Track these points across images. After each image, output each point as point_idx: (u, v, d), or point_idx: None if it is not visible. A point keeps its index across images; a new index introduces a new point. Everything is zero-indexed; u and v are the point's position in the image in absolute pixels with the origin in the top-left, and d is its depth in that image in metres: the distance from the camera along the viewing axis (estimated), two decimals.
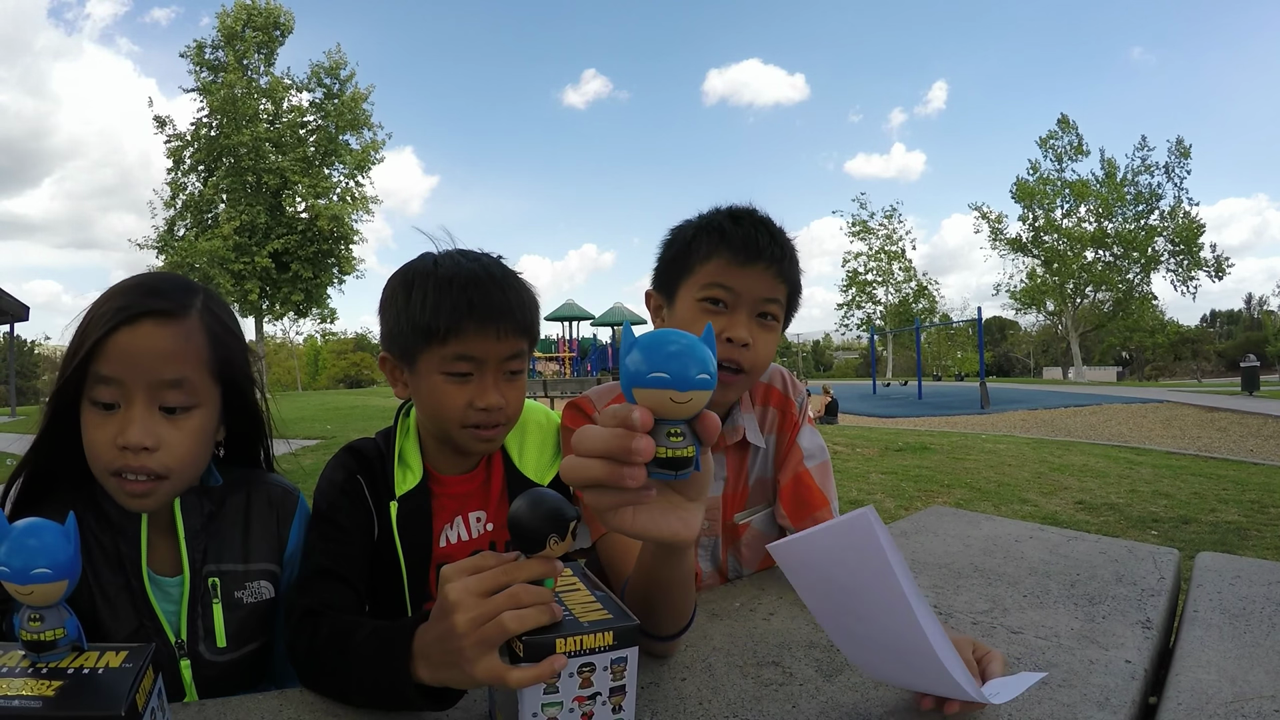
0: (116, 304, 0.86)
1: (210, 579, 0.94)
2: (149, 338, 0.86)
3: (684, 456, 0.54)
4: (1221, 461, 7.92)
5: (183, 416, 0.88)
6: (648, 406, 0.53)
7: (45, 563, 0.57)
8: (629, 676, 0.65)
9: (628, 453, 0.54)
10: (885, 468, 7.24)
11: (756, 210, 1.16)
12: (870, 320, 44.98)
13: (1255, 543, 4.49)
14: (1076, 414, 15.08)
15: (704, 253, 1.10)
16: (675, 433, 0.54)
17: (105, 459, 0.85)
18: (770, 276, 1.09)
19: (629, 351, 0.53)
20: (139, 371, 0.85)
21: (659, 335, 0.53)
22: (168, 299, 0.89)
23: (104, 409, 0.85)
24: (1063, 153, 37.85)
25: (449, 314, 0.97)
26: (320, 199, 25.62)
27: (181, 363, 0.87)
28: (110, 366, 0.84)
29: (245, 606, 0.96)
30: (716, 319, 1.08)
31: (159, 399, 0.86)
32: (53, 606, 0.60)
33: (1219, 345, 67.25)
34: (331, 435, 9.88)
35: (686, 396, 0.52)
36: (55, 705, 0.54)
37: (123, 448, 0.84)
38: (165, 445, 0.86)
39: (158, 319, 0.87)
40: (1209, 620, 1.02)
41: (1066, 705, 0.79)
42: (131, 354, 0.85)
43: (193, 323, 0.90)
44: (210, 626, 0.93)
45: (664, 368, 0.52)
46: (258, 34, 25.34)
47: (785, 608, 1.08)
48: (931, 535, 1.44)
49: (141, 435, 0.84)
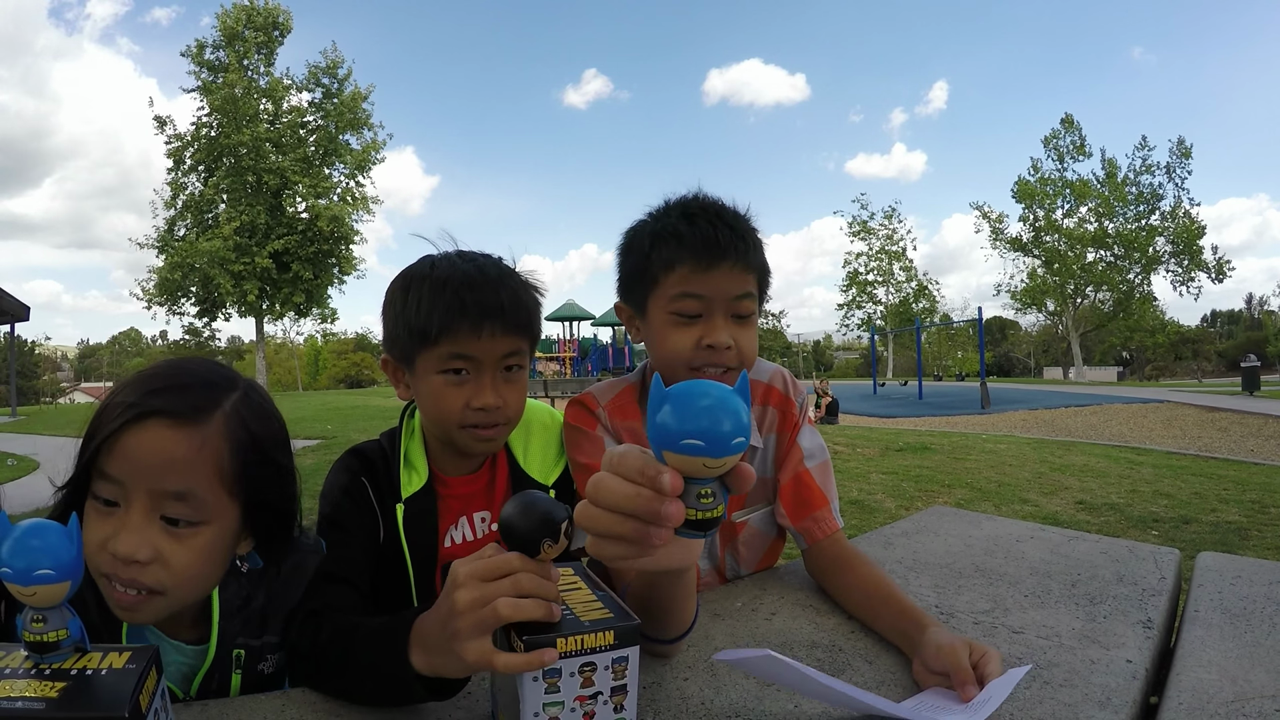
0: (130, 397, 0.78)
1: (236, 651, 0.89)
2: (154, 441, 0.77)
3: (714, 518, 0.52)
4: (1222, 461, 7.91)
5: (188, 531, 0.79)
6: (679, 469, 0.50)
7: (49, 564, 0.57)
8: (630, 676, 0.65)
9: (657, 517, 0.51)
10: (886, 468, 7.23)
11: (709, 200, 1.12)
12: (870, 320, 44.98)
13: (1256, 543, 4.48)
14: (1077, 414, 15.07)
15: (664, 261, 1.07)
16: (706, 494, 0.51)
17: (95, 561, 0.76)
18: (738, 272, 1.07)
19: (659, 407, 0.49)
20: (139, 477, 0.77)
21: (692, 390, 0.49)
22: (185, 397, 0.80)
23: (105, 505, 0.78)
24: (1065, 152, 37.85)
25: (442, 315, 0.98)
26: (320, 199, 25.61)
27: (188, 474, 0.78)
28: (114, 465, 0.77)
29: (264, 676, 0.92)
30: (691, 329, 1.07)
31: (160, 508, 0.77)
32: (56, 608, 0.60)
33: (1219, 345, 67.19)
34: (332, 435, 9.88)
35: (720, 463, 0.49)
36: (58, 706, 0.54)
37: (113, 556, 0.76)
38: (163, 559, 0.77)
39: (169, 421, 0.78)
40: (1210, 620, 1.02)
41: (1068, 705, 0.79)
42: (133, 457, 0.77)
43: (212, 428, 0.80)
44: (225, 693, 0.89)
45: (698, 432, 0.48)
46: (258, 34, 25.33)
47: (787, 608, 1.08)
48: (933, 535, 1.44)
49: (133, 547, 0.75)
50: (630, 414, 1.17)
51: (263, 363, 27.30)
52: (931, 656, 0.84)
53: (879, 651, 0.94)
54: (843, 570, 1.10)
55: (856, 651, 0.94)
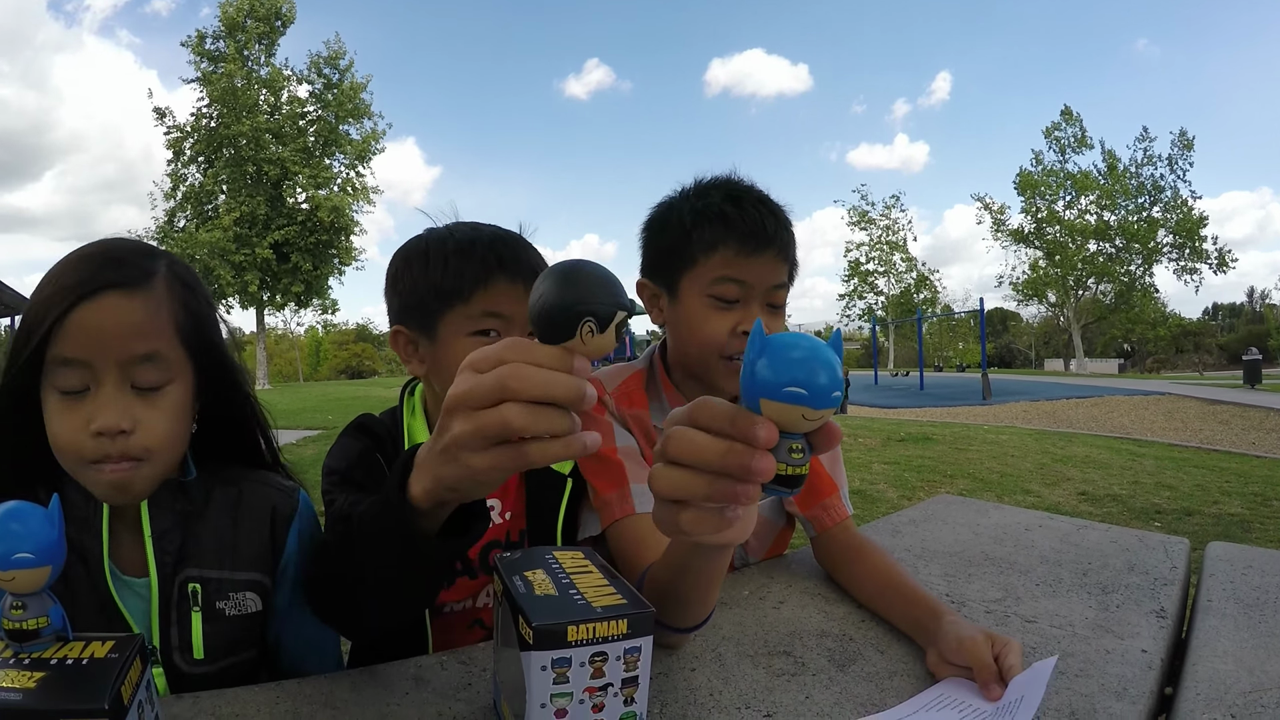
0: (73, 278, 0.77)
1: (190, 585, 0.85)
2: (114, 312, 0.77)
3: (801, 474, 0.49)
4: (1224, 454, 7.91)
5: (157, 394, 0.80)
6: (775, 420, 0.47)
7: (28, 547, 0.55)
8: (643, 667, 0.63)
9: (748, 471, 0.47)
10: (888, 458, 7.23)
11: (751, 186, 1.11)
12: (871, 311, 44.93)
13: (1259, 535, 4.48)
14: (1078, 405, 15.05)
15: (707, 243, 1.05)
16: (796, 449, 0.49)
17: (78, 449, 0.77)
18: (778, 261, 1.06)
19: (759, 356, 0.47)
20: (106, 350, 0.77)
21: (791, 341, 0.47)
22: (131, 267, 0.80)
23: (70, 396, 0.77)
24: (1066, 144, 37.73)
25: (477, 269, 0.96)
26: (321, 190, 25.54)
27: (153, 336, 0.79)
28: (72, 348, 0.76)
29: (228, 620, 0.87)
30: (728, 315, 1.05)
31: (130, 377, 0.79)
32: (36, 594, 0.58)
33: (1221, 338, 67.11)
34: (333, 425, 9.88)
35: (818, 414, 0.47)
36: (36, 697, 0.52)
37: (97, 434, 0.76)
38: (142, 426, 0.78)
39: (121, 290, 0.78)
40: (1223, 610, 1.01)
41: (1085, 695, 0.78)
42: (96, 331, 0.76)
43: (159, 291, 0.81)
44: (187, 637, 0.84)
45: (801, 381, 0.46)
46: (259, 24, 25.20)
47: (795, 596, 1.07)
48: (940, 523, 1.43)
49: (117, 418, 0.76)
50: (637, 402, 1.14)
51: (263, 354, 27.27)
52: (952, 650, 0.83)
53: (890, 641, 0.93)
54: (853, 558, 1.08)
55: (867, 641, 0.93)
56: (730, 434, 0.48)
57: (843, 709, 0.76)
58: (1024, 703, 0.73)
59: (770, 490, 0.49)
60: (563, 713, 0.61)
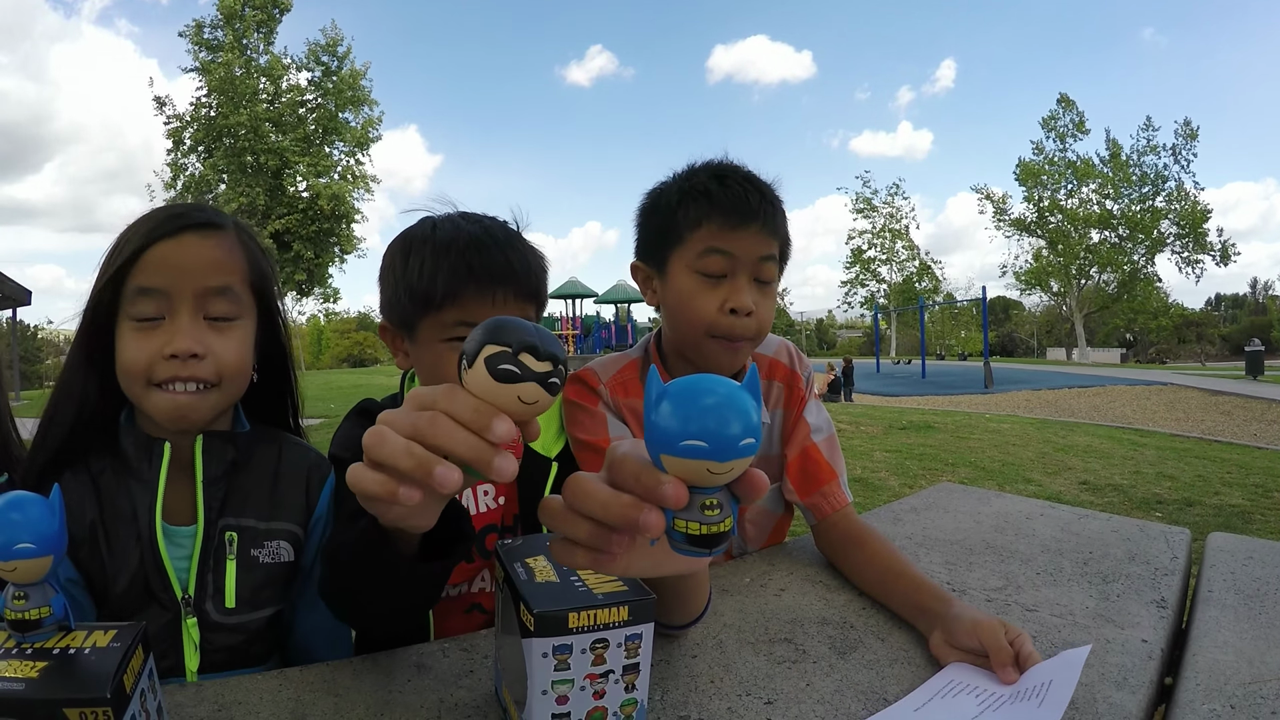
0: (151, 223, 0.86)
1: (227, 533, 0.90)
2: (194, 246, 0.86)
3: (720, 532, 0.44)
4: (1225, 445, 7.91)
5: (228, 326, 0.88)
6: (680, 477, 0.43)
7: (29, 537, 0.55)
8: (644, 654, 0.63)
9: (634, 527, 0.44)
10: (889, 446, 7.24)
11: (738, 165, 1.12)
12: (874, 299, 44.85)
13: (1259, 526, 4.49)
14: (1080, 395, 15.05)
15: (693, 219, 1.06)
16: (711, 504, 0.44)
17: (149, 370, 0.83)
18: (765, 235, 1.06)
19: (657, 404, 0.43)
20: (185, 280, 0.84)
21: (693, 386, 0.43)
22: (207, 215, 0.90)
23: (146, 323, 0.84)
24: (1065, 132, 37.55)
25: (447, 279, 0.93)
26: (321, 178, 25.46)
27: (227, 271, 0.88)
28: (152, 278, 0.83)
29: (261, 567, 0.91)
30: (715, 291, 1.06)
31: (204, 308, 0.86)
32: (38, 584, 0.58)
33: (1223, 329, 66.97)
34: (335, 414, 9.87)
35: (726, 467, 0.42)
36: (38, 687, 0.52)
37: (170, 356, 0.83)
38: (213, 353, 0.85)
39: (200, 231, 0.87)
40: (1224, 601, 1.01)
41: (1085, 685, 0.77)
42: (176, 263, 0.85)
43: (231, 236, 0.91)
44: (220, 584, 0.88)
45: (701, 432, 0.41)
46: (257, 12, 25.06)
47: (796, 584, 1.07)
48: (942, 511, 1.43)
49: (191, 342, 0.83)
50: (633, 391, 1.15)
51: None
52: (964, 633, 0.83)
53: (891, 628, 0.93)
54: (854, 546, 1.08)
55: (869, 628, 0.93)
56: (636, 491, 0.44)
57: (843, 696, 0.77)
58: (1052, 689, 0.72)
59: (687, 551, 0.45)
60: (564, 700, 0.61)
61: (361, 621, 0.79)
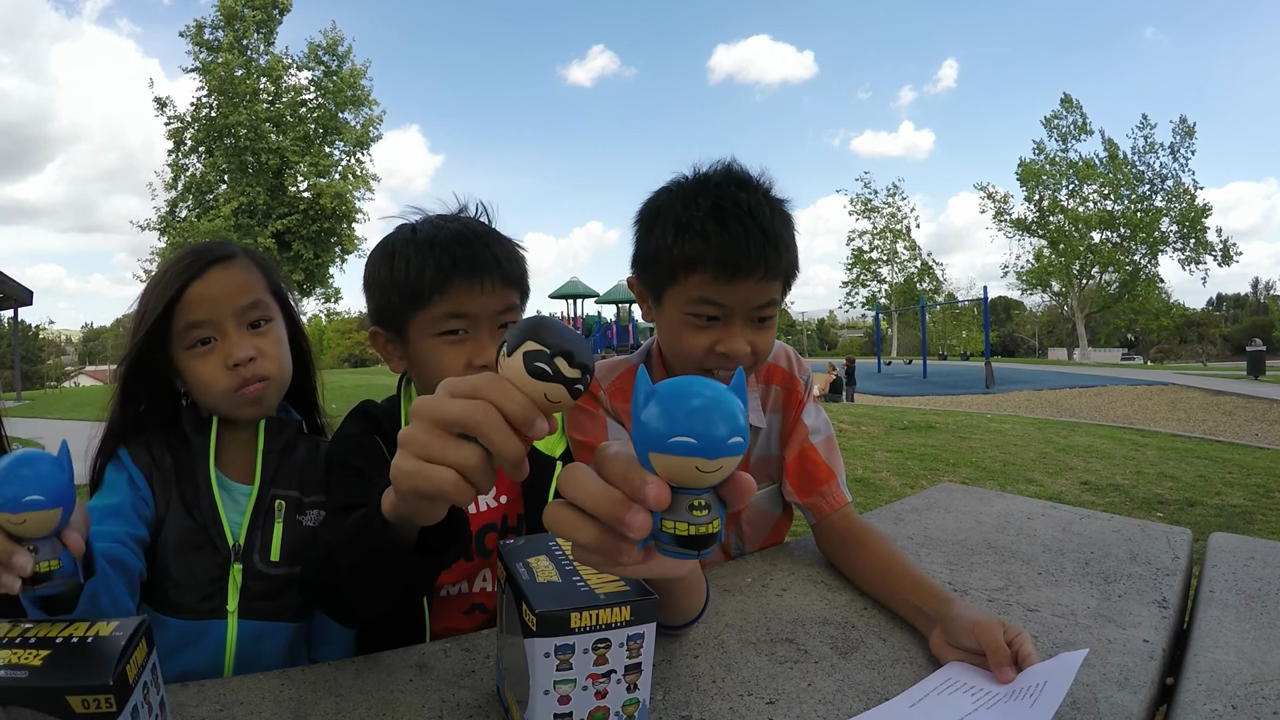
0: (178, 267, 1.01)
1: (277, 500, 1.04)
2: (221, 278, 1.02)
3: (707, 534, 0.44)
4: (1227, 445, 7.90)
5: (266, 328, 1.05)
6: (667, 475, 0.43)
7: (38, 490, 0.56)
8: (646, 654, 0.63)
9: (620, 525, 0.44)
10: (890, 446, 7.24)
11: (741, 193, 1.02)
12: (874, 299, 44.82)
13: (1260, 526, 4.48)
14: (1082, 395, 15.04)
15: (687, 261, 1.01)
16: (698, 505, 0.44)
17: (222, 384, 1.00)
18: (765, 283, 1.01)
19: (645, 404, 0.43)
20: (223, 306, 1.01)
21: (682, 386, 0.43)
22: (221, 249, 1.05)
23: (203, 347, 1.00)
24: (1067, 133, 37.51)
25: (434, 273, 0.95)
26: (322, 178, 25.43)
27: (253, 288, 1.04)
28: (196, 312, 1.00)
29: (303, 528, 1.04)
30: (707, 332, 1.03)
31: (245, 320, 1.02)
32: (48, 538, 0.59)
33: (1225, 329, 66.87)
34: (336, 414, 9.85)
35: (715, 465, 0.42)
36: (42, 674, 0.53)
37: (234, 365, 0.99)
38: (261, 352, 1.02)
39: (221, 264, 1.03)
40: (1225, 601, 1.01)
41: (1086, 685, 0.78)
42: (211, 295, 1.00)
43: (245, 260, 1.07)
44: (268, 541, 1.02)
45: (689, 430, 0.41)
46: (257, 13, 25.02)
47: (797, 584, 1.07)
48: (943, 512, 1.43)
49: (245, 350, 1.00)
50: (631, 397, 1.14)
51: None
52: (964, 632, 0.83)
53: (892, 628, 0.93)
54: (855, 545, 1.08)
55: (870, 628, 0.93)
56: (622, 489, 0.45)
57: (845, 696, 0.77)
58: (1047, 690, 0.72)
59: (672, 553, 0.45)
60: (566, 700, 0.61)
61: (347, 607, 0.80)
